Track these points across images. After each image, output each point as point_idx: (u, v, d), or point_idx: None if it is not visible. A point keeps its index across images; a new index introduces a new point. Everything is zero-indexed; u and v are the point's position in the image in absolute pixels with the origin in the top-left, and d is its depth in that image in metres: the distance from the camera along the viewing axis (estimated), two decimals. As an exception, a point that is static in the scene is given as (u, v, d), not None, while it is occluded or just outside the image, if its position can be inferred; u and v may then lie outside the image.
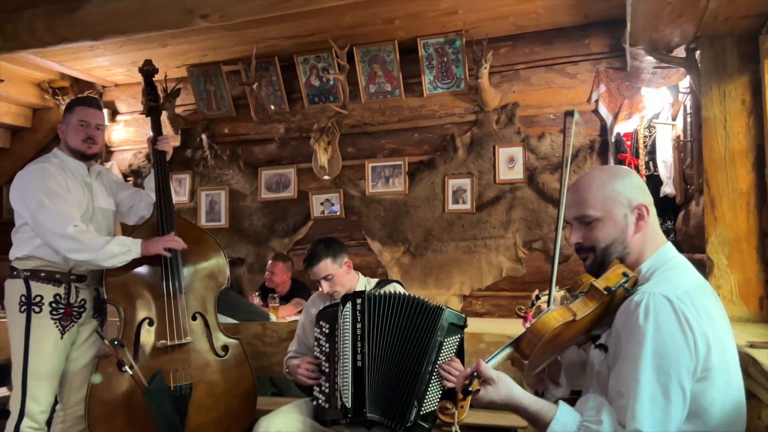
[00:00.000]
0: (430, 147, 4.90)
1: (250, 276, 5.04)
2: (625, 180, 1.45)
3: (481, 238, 4.70)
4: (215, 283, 2.85)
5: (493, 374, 1.32)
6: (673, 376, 1.23)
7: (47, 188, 2.53)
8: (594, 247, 1.44)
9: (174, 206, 2.87)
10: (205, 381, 2.69)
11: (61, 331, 2.57)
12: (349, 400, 2.21)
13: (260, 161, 5.34)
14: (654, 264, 1.41)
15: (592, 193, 1.43)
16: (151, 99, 3.11)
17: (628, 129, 4.27)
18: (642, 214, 1.42)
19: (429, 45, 4.62)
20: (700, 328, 1.26)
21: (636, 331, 1.27)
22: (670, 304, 1.26)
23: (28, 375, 2.48)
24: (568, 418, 1.30)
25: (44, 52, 4.53)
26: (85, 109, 2.73)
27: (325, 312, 2.48)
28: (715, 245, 2.52)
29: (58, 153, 2.73)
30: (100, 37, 3.64)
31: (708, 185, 2.55)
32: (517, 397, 1.32)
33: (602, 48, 4.47)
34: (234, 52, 4.87)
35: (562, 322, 1.34)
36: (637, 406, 1.23)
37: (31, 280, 2.54)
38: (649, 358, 1.24)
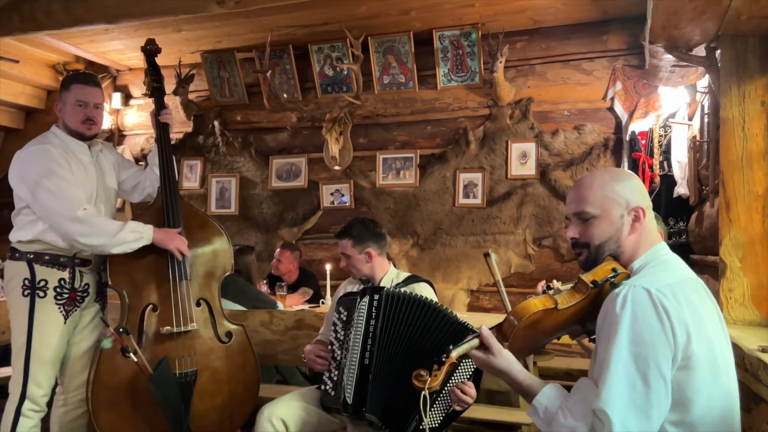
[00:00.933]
0: (442, 140, 4.88)
1: (258, 264, 5.05)
2: (626, 182, 1.50)
3: (491, 234, 4.68)
4: (220, 269, 2.82)
5: (496, 345, 1.42)
6: (651, 362, 1.26)
7: (50, 171, 2.43)
8: (588, 243, 1.49)
9: (178, 187, 2.81)
10: (209, 367, 2.69)
11: (65, 315, 2.52)
12: (350, 396, 2.20)
13: (272, 150, 5.34)
14: (645, 261, 1.46)
15: (593, 191, 1.49)
16: (155, 80, 2.99)
17: (643, 128, 4.22)
18: (638, 216, 1.47)
19: (444, 37, 4.59)
20: (679, 316, 1.29)
21: (612, 319, 1.31)
22: (648, 295, 1.30)
23: (31, 359, 2.44)
24: (554, 392, 1.39)
25: (60, 34, 4.54)
26: (83, 87, 2.60)
27: (345, 298, 2.45)
28: (729, 247, 2.49)
29: (57, 132, 2.61)
30: (116, 20, 3.64)
31: (724, 187, 2.52)
32: (513, 370, 1.42)
33: (620, 45, 4.43)
34: (248, 39, 4.86)
35: (542, 308, 1.41)
36: (604, 388, 1.27)
37: (35, 263, 2.48)
38: (624, 345, 1.28)
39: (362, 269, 2.56)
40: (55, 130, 2.62)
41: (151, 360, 2.47)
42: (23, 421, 2.43)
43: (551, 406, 1.36)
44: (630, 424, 1.24)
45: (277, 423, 2.33)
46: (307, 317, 3.31)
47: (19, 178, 2.48)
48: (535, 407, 1.39)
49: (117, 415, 2.54)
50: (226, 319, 2.81)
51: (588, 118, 4.51)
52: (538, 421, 1.39)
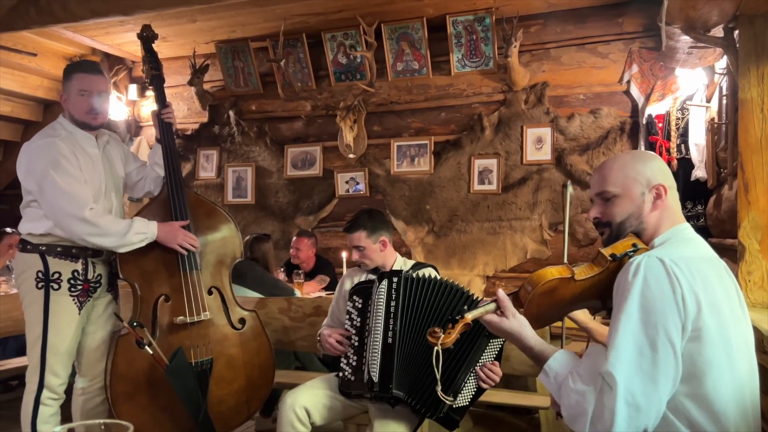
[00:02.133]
0: (456, 126, 4.86)
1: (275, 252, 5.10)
2: (648, 162, 1.52)
3: (507, 220, 4.67)
4: (229, 256, 2.82)
5: (510, 308, 1.46)
6: (660, 329, 1.27)
7: (59, 166, 2.40)
8: (610, 222, 1.51)
9: (183, 180, 2.78)
10: (224, 354, 2.71)
11: (79, 306, 2.53)
12: (376, 374, 2.24)
13: (286, 138, 5.37)
14: (666, 238, 1.47)
15: (614, 171, 1.51)
16: (153, 67, 2.89)
17: (660, 111, 4.17)
18: (660, 194, 1.48)
19: (458, 22, 4.56)
20: (690, 287, 1.29)
21: (624, 286, 1.33)
22: (661, 264, 1.32)
23: (48, 351, 2.44)
24: (564, 358, 1.42)
25: (76, 27, 4.59)
26: (85, 76, 2.53)
27: (360, 287, 2.49)
28: (748, 230, 2.47)
29: (65, 123, 2.56)
30: (131, 12, 3.67)
31: (742, 169, 2.50)
32: (525, 335, 1.46)
33: (636, 27, 4.37)
34: (262, 28, 4.87)
35: (558, 276, 1.43)
36: (612, 351, 1.29)
37: (48, 256, 2.46)
38: (634, 311, 1.29)
39: (376, 259, 2.60)
40: (62, 120, 2.58)
41: (166, 351, 2.49)
42: (43, 409, 2.46)
43: (561, 370, 1.39)
44: (635, 388, 1.25)
45: (300, 411, 2.38)
46: (325, 304, 3.34)
47: (27, 171, 2.47)
48: (546, 372, 1.42)
49: (136, 406, 2.57)
50: (239, 306, 2.83)
51: (604, 102, 4.47)
52: (548, 384, 1.42)
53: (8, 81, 5.12)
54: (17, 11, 3.76)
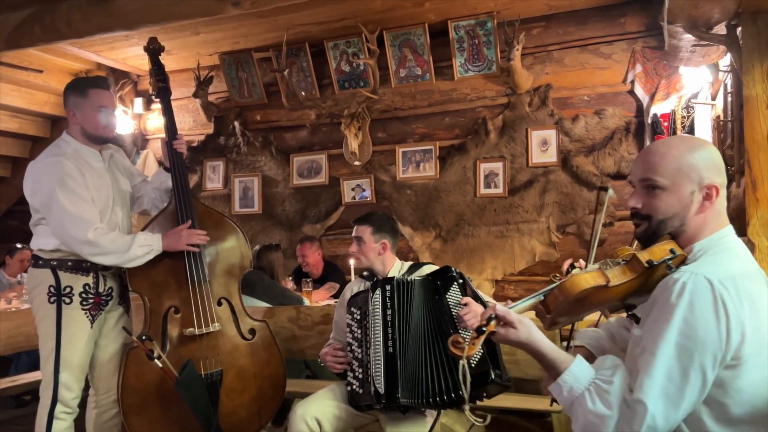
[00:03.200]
0: (461, 131, 4.87)
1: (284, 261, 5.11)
2: (704, 155, 1.36)
3: (514, 223, 4.66)
4: (238, 266, 2.82)
5: (514, 317, 1.33)
6: (696, 358, 1.21)
7: (65, 187, 2.42)
8: (651, 216, 1.38)
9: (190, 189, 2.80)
10: (235, 365, 2.71)
11: (91, 320, 2.55)
12: (381, 386, 2.23)
13: (292, 147, 5.38)
14: (707, 245, 1.35)
15: (667, 160, 1.35)
16: (160, 80, 2.94)
17: (665, 110, 4.16)
18: (710, 195, 1.35)
19: (460, 27, 4.57)
20: (737, 316, 1.22)
21: (667, 307, 1.24)
22: (710, 287, 1.22)
23: (61, 365, 2.46)
24: (581, 372, 1.30)
25: (81, 43, 4.63)
26: (102, 92, 2.60)
27: (356, 298, 2.50)
28: (757, 227, 2.46)
29: (69, 140, 2.59)
30: (135, 27, 3.70)
31: (749, 166, 2.49)
32: (535, 341, 1.33)
33: (638, 27, 4.36)
34: (265, 39, 4.90)
35: (593, 285, 1.33)
36: (646, 378, 1.22)
37: (59, 270, 2.49)
38: (673, 335, 1.22)
39: (371, 258, 2.60)
40: (67, 138, 2.60)
41: (176, 363, 2.50)
42: (57, 423, 2.48)
43: (577, 386, 1.29)
44: (657, 412, 1.21)
45: (311, 422, 2.38)
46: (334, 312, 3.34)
47: (34, 192, 2.49)
48: (560, 385, 1.31)
49: (147, 418, 2.58)
50: (249, 316, 2.83)
51: (608, 103, 4.46)
52: (560, 398, 1.33)
53: (15, 98, 5.17)
54: (22, 29, 3.80)
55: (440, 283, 2.29)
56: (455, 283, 2.28)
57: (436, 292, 2.27)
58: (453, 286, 2.27)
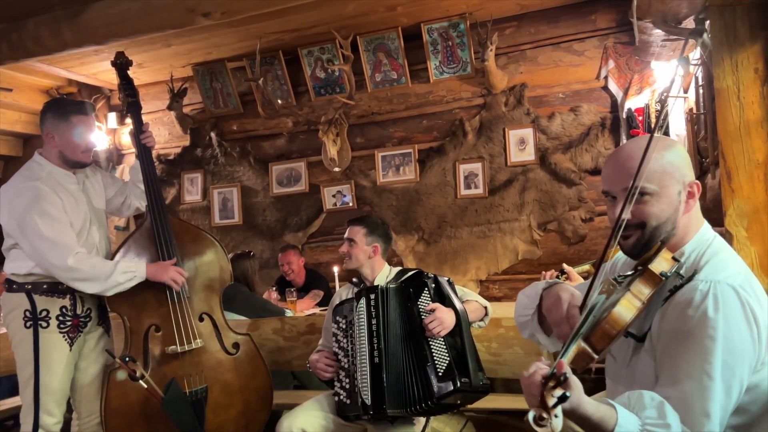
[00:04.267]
0: (439, 133, 4.87)
1: (266, 271, 5.06)
2: (680, 153, 1.34)
3: (495, 222, 4.67)
4: (219, 281, 2.79)
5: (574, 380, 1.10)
6: (737, 373, 1.16)
7: (42, 212, 2.38)
8: (644, 224, 1.29)
9: (166, 206, 2.75)
10: (219, 381, 2.68)
11: (70, 343, 2.50)
12: (368, 398, 2.22)
13: (270, 156, 5.35)
14: (696, 246, 1.31)
15: (650, 163, 1.27)
16: (129, 94, 2.88)
17: (639, 104, 4.20)
18: (693, 192, 1.32)
19: (433, 30, 4.58)
20: (764, 320, 1.19)
21: (706, 323, 1.16)
22: (736, 295, 1.18)
23: (40, 390, 2.41)
24: (629, 423, 1.14)
25: (50, 59, 4.54)
26: (83, 119, 2.56)
27: (341, 307, 2.48)
28: (734, 218, 2.48)
29: (43, 162, 2.54)
30: (104, 41, 3.64)
31: (723, 157, 2.51)
32: (584, 404, 1.12)
33: (609, 23, 4.40)
34: (238, 48, 4.87)
35: (635, 313, 1.20)
36: (710, 405, 1.14)
37: (34, 294, 2.44)
38: (719, 353, 1.15)
39: (361, 260, 2.58)
40: (41, 160, 2.56)
41: (160, 381, 2.46)
42: None
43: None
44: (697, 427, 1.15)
45: None
46: (319, 321, 3.32)
47: (9, 216, 2.44)
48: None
49: None
50: (232, 331, 2.80)
51: (583, 99, 4.49)
52: None
53: (-15, 118, 5.08)
54: (-11, 48, 3.73)
55: (412, 289, 2.29)
56: (426, 288, 2.28)
57: (408, 300, 2.28)
58: (424, 291, 2.27)
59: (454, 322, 2.17)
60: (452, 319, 2.17)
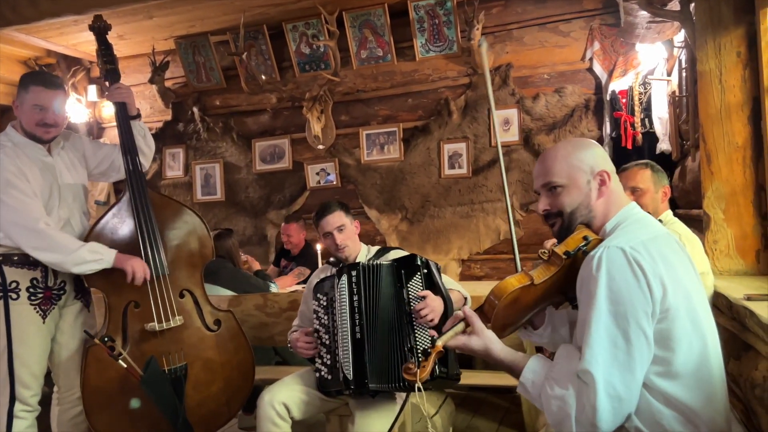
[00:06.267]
0: (424, 112, 4.86)
1: (249, 248, 5.06)
2: (588, 149, 1.54)
3: (479, 202, 4.69)
4: (199, 256, 2.73)
5: (479, 324, 1.46)
6: (631, 319, 1.29)
7: (4, 181, 2.33)
8: (561, 212, 1.53)
9: (144, 175, 2.67)
10: (200, 358, 2.65)
11: (42, 315, 2.46)
12: (350, 372, 2.22)
13: (253, 132, 5.30)
14: (617, 222, 1.49)
15: (558, 162, 1.53)
16: (107, 61, 2.74)
17: (623, 86, 4.22)
18: (604, 180, 1.51)
19: (420, 7, 4.54)
20: (653, 271, 1.32)
21: (589, 282, 1.35)
22: (622, 253, 1.33)
23: (15, 362, 2.39)
24: (539, 366, 1.41)
25: (29, 29, 4.44)
26: (42, 91, 2.43)
27: (322, 284, 2.47)
28: (712, 200, 2.52)
29: (12, 134, 2.48)
30: (84, 11, 3.56)
31: (704, 140, 2.54)
32: (494, 350, 1.45)
33: (595, 4, 4.40)
34: (222, 21, 4.79)
35: (518, 286, 1.45)
36: (587, 349, 1.30)
37: (4, 266, 2.41)
38: (603, 305, 1.31)
39: (355, 240, 2.56)
40: (10, 131, 2.50)
41: (139, 359, 2.43)
42: (17, 422, 2.41)
43: (537, 379, 1.39)
44: (614, 380, 1.28)
45: (278, 407, 2.36)
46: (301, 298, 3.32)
47: None
48: (523, 383, 1.41)
49: (112, 416, 2.52)
50: (213, 307, 2.76)
51: (568, 81, 4.50)
52: (527, 396, 1.43)
53: (-40, 88, 4.96)
54: (-36, 16, 3.63)
55: (404, 271, 2.28)
56: (419, 273, 2.27)
57: (399, 281, 2.27)
58: (416, 276, 2.26)
59: (443, 310, 2.18)
60: (441, 308, 2.18)
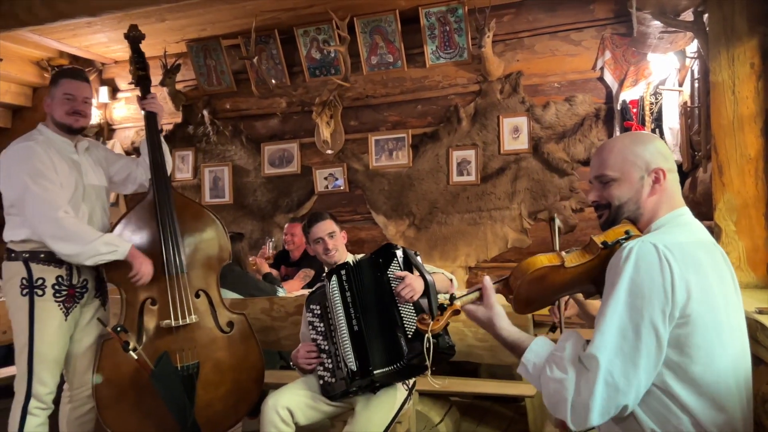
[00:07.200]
0: (433, 119, 4.86)
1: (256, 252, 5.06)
2: (648, 145, 1.49)
3: (486, 210, 4.68)
4: (217, 259, 2.80)
5: (492, 299, 1.47)
6: (645, 314, 1.27)
7: (33, 169, 2.42)
8: (609, 204, 1.50)
9: (170, 179, 2.78)
10: (211, 358, 2.68)
11: (65, 312, 2.52)
12: (354, 364, 2.28)
13: (263, 136, 5.31)
14: (664, 222, 1.46)
15: (613, 154, 1.49)
16: (140, 68, 2.93)
17: (634, 96, 4.21)
18: (658, 178, 1.46)
19: (431, 14, 4.55)
20: (682, 275, 1.29)
21: (615, 271, 1.33)
22: (654, 249, 1.31)
23: (34, 358, 2.44)
24: (541, 348, 1.40)
25: (42, 30, 4.48)
26: (71, 82, 2.60)
27: (312, 295, 2.56)
28: (723, 212, 2.50)
29: (43, 129, 2.61)
30: (98, 13, 3.59)
31: (716, 151, 2.52)
32: (500, 325, 1.46)
33: (607, 14, 4.39)
34: (233, 25, 4.81)
35: (547, 264, 1.43)
36: (598, 335, 1.29)
37: (32, 262, 2.47)
38: (621, 295, 1.29)
39: (343, 248, 2.65)
40: (41, 128, 2.62)
41: (152, 355, 2.47)
42: (30, 419, 2.44)
43: (539, 360, 1.38)
44: (614, 369, 1.26)
45: (282, 412, 2.38)
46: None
47: (6, 178, 2.49)
48: (524, 363, 1.40)
49: (122, 410, 2.55)
50: (227, 309, 2.80)
51: (578, 89, 4.49)
52: (527, 376, 1.41)
53: (-27, 87, 5.00)
54: (-21, 16, 3.66)
55: (382, 260, 2.38)
56: (395, 258, 2.37)
57: (378, 269, 2.38)
58: (393, 261, 2.36)
59: (423, 288, 2.25)
60: (421, 285, 2.25)
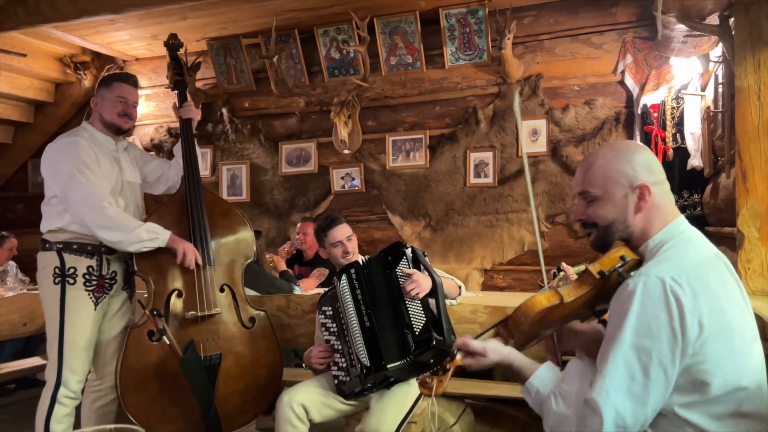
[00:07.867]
0: (451, 120, 4.85)
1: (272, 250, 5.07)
2: (630, 158, 1.42)
3: (503, 212, 4.66)
4: (242, 256, 2.89)
5: (479, 347, 1.41)
6: (654, 355, 1.24)
7: (79, 161, 2.55)
8: (596, 223, 1.45)
9: (200, 179, 2.88)
10: (233, 352, 2.74)
11: (95, 302, 2.61)
12: (367, 359, 2.29)
13: (281, 135, 5.34)
14: (662, 239, 1.39)
15: (595, 171, 1.43)
16: (177, 73, 3.13)
17: (655, 100, 4.16)
18: (643, 194, 1.39)
19: (451, 15, 4.54)
20: (693, 309, 1.25)
21: (621, 310, 1.29)
22: (662, 285, 1.26)
23: (65, 346, 2.52)
24: (547, 376, 1.39)
25: (65, 26, 4.54)
26: (124, 86, 2.76)
27: (323, 298, 2.59)
28: (746, 218, 2.47)
29: (88, 127, 2.74)
30: (121, 10, 3.64)
31: (740, 157, 2.49)
32: (505, 358, 1.42)
33: (629, 17, 4.36)
34: (254, 24, 4.84)
35: (547, 305, 1.39)
36: (600, 379, 1.27)
37: (64, 252, 2.58)
38: (628, 337, 1.26)
39: (356, 250, 2.69)
40: (86, 125, 2.75)
41: (177, 344, 2.53)
42: (58, 408, 2.51)
43: (543, 389, 1.37)
44: (625, 412, 1.24)
45: (297, 408, 2.40)
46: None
47: (51, 169, 2.61)
48: (528, 389, 1.39)
49: (145, 398, 2.62)
50: (250, 305, 2.87)
51: (599, 93, 4.46)
52: (529, 400, 1.40)
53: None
54: (5, 12, 3.72)
55: (391, 257, 2.40)
56: (404, 256, 2.39)
57: (388, 267, 2.40)
58: (402, 259, 2.38)
59: (431, 286, 2.28)
60: (429, 283, 2.28)
